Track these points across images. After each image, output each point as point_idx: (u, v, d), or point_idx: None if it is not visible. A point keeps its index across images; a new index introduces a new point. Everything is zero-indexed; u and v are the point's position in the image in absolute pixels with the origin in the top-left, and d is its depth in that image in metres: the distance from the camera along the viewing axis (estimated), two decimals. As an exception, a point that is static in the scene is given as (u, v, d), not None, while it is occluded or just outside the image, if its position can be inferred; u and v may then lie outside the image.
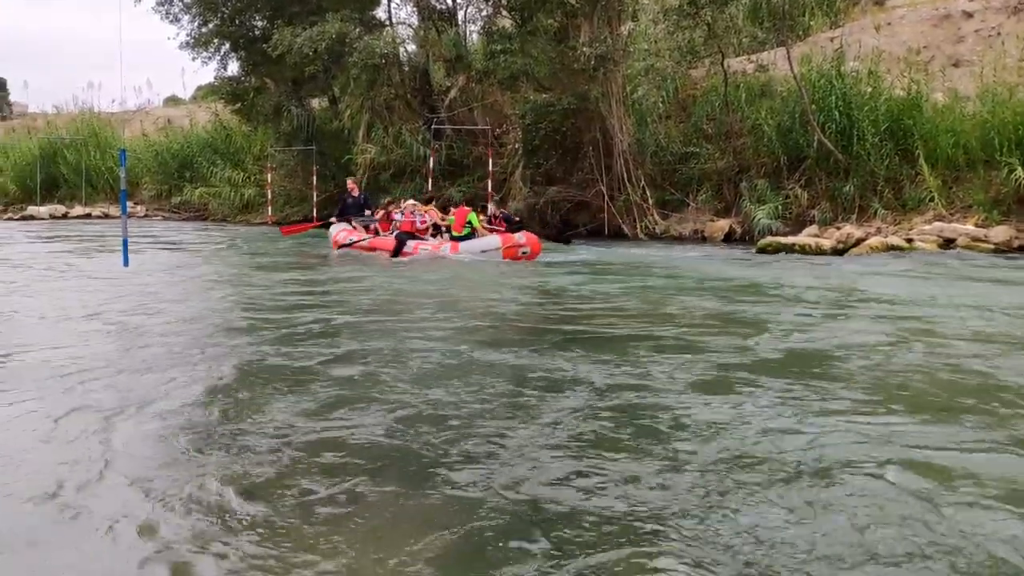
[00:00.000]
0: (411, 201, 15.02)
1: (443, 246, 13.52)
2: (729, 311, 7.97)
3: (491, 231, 14.08)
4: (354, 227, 15.18)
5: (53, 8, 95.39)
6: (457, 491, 3.35)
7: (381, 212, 15.29)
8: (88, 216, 29.55)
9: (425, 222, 14.37)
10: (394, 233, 14.28)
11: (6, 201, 33.63)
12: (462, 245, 13.38)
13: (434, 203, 15.45)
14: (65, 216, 29.93)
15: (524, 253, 13.11)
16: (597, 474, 3.49)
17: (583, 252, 15.01)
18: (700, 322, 7.32)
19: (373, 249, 14.24)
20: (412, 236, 13.96)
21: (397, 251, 13.63)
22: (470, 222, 13.78)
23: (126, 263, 11.93)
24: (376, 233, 14.84)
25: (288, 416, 4.38)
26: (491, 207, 15.56)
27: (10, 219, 29.68)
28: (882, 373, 5.21)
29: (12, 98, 60.96)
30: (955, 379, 5.04)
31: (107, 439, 4.03)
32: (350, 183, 16.59)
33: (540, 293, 9.71)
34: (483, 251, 13.12)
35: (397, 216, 14.70)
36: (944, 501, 3.13)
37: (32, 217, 29.51)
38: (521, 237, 13.41)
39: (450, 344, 6.25)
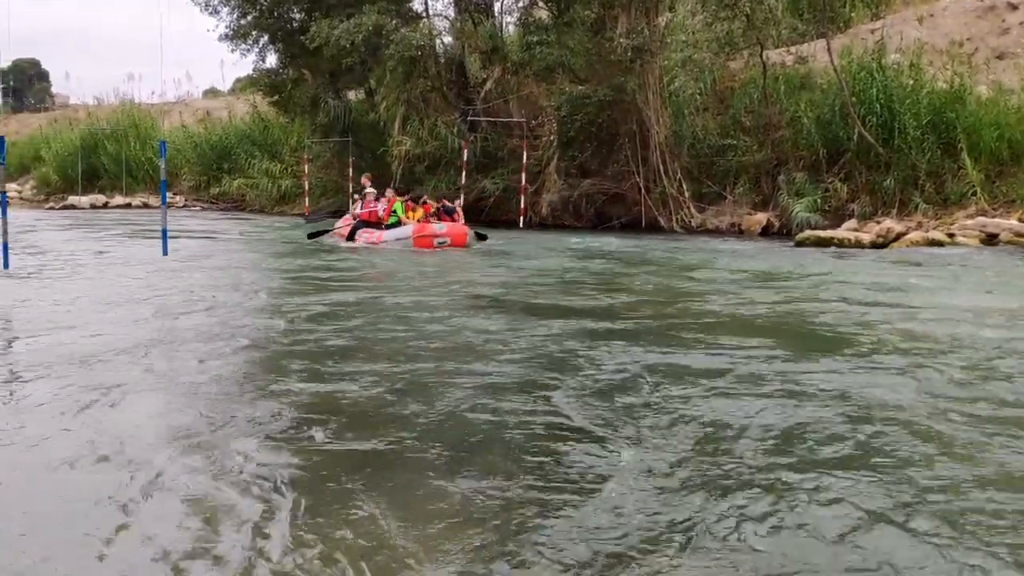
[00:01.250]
0: (370, 189, 16.04)
1: (375, 234, 14.54)
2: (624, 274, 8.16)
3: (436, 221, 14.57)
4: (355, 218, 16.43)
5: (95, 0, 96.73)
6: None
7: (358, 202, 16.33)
8: (128, 206, 29.96)
9: (388, 211, 15.18)
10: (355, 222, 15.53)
11: (48, 191, 34.18)
12: (384, 234, 14.30)
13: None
14: (105, 206, 30.36)
15: (441, 243, 13.58)
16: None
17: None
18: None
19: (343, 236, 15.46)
20: (367, 224, 14.98)
21: (350, 237, 14.95)
22: (395, 211, 14.82)
23: (165, 252, 12.11)
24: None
25: (307, 388, 4.69)
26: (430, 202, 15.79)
27: (52, 208, 30.17)
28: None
29: (54, 89, 61.98)
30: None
31: (141, 416, 4.20)
32: (364, 179, 17.43)
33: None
34: (398, 239, 13.90)
35: (357, 207, 15.77)
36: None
37: (73, 207, 29.96)
38: (441, 227, 13.86)
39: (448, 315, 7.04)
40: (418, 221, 14.35)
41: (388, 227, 14.60)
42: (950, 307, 7.48)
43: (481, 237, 14.79)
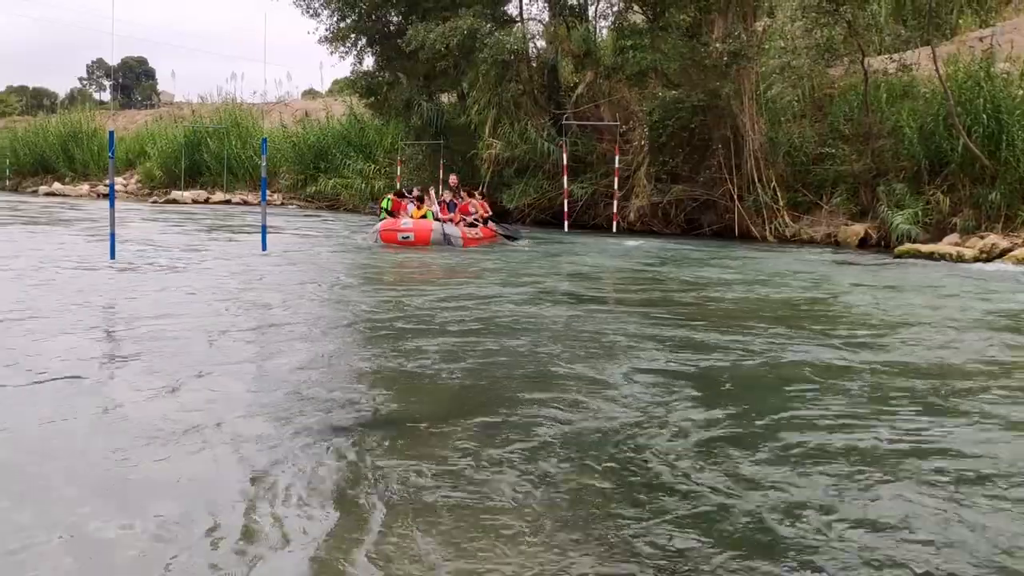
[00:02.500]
0: (400, 189, 16.89)
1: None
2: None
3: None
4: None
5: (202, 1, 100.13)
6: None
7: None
8: (228, 202, 30.95)
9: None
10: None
11: (152, 185, 35.55)
12: (373, 228, 15.22)
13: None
14: (207, 201, 31.42)
15: (405, 238, 14.35)
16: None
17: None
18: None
19: None
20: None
21: None
22: (383, 207, 16.05)
23: (264, 248, 12.48)
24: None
25: (377, 367, 5.14)
26: (445, 193, 16.79)
27: (155, 202, 31.39)
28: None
29: (160, 87, 64.39)
30: None
31: (227, 394, 4.52)
32: (452, 178, 18.15)
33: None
34: (373, 231, 15.04)
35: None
36: None
37: (176, 201, 31.10)
38: (407, 223, 14.73)
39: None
40: (422, 216, 15.06)
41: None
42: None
43: (510, 237, 15.56)
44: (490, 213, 16.49)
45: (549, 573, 2.61)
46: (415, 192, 16.37)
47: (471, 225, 15.52)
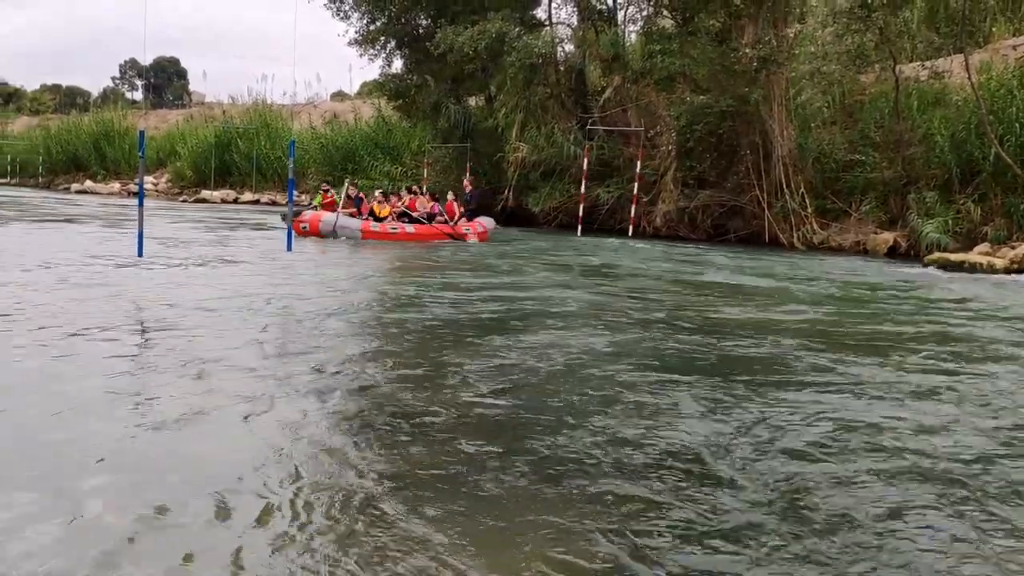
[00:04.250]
0: (378, 192, 17.47)
1: None
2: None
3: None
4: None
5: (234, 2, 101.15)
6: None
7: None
8: (256, 202, 31.18)
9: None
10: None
11: (182, 184, 35.88)
12: None
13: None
14: (235, 201, 31.69)
15: (303, 228, 15.42)
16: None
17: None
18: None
19: None
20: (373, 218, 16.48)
21: None
22: (314, 201, 17.73)
23: (289, 248, 12.55)
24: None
25: (413, 386, 4.89)
26: (350, 189, 17.53)
27: (185, 201, 31.70)
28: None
29: (191, 87, 65.02)
30: None
31: (247, 380, 4.56)
32: (466, 182, 18.69)
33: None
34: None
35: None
36: None
37: (205, 200, 31.39)
38: (308, 214, 15.97)
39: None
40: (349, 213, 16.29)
41: None
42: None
43: (458, 237, 15.91)
44: (456, 214, 16.78)
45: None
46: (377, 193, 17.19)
47: (414, 221, 16.07)
